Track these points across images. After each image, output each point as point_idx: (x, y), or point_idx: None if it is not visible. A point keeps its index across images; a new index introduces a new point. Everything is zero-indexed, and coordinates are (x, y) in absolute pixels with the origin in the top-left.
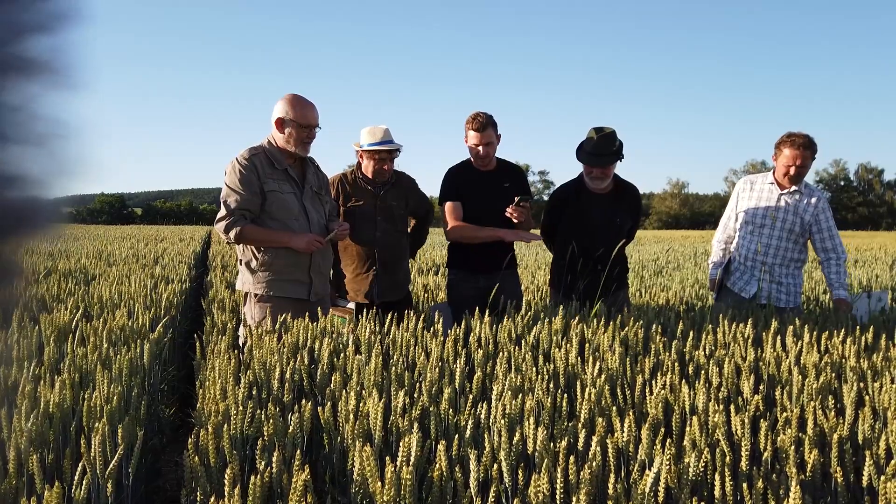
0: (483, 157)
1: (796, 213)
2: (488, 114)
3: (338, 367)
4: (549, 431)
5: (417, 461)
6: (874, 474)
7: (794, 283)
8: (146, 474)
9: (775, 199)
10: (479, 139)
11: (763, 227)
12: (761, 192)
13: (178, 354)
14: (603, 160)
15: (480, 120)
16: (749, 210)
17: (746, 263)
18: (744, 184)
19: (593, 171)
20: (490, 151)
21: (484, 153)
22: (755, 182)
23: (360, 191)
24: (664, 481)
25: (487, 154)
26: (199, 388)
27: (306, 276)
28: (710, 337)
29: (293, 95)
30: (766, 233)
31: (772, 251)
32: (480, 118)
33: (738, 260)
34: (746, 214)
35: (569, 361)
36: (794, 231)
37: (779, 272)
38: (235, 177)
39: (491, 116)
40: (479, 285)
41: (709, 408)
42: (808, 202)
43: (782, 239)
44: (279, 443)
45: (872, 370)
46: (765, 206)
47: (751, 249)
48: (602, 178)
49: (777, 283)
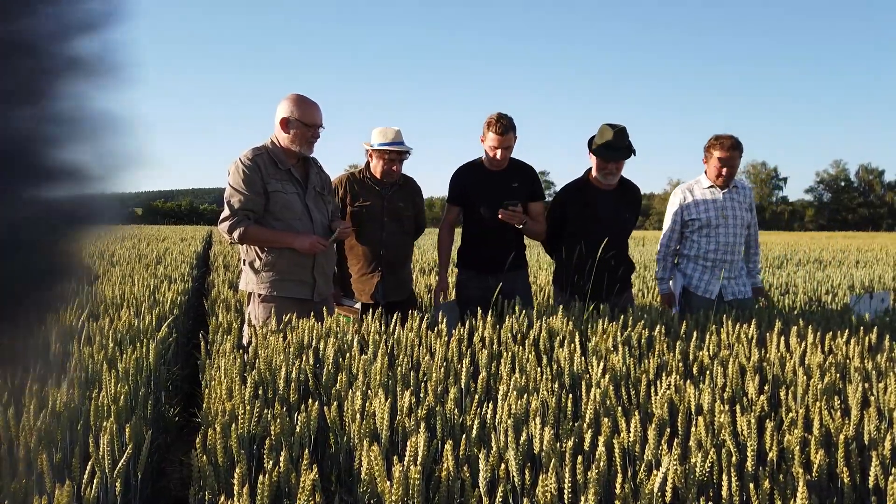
0: (498, 161)
1: (742, 207)
2: (510, 117)
3: (343, 367)
4: (555, 431)
5: (424, 461)
6: (881, 475)
7: (744, 273)
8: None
9: (721, 199)
10: (499, 142)
11: (718, 227)
12: (704, 196)
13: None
14: (619, 154)
15: (504, 123)
16: (700, 214)
17: (706, 265)
18: (682, 193)
19: (608, 165)
20: (507, 155)
21: (501, 157)
22: (693, 189)
23: (367, 191)
24: (671, 481)
25: (504, 158)
26: (205, 387)
27: (310, 276)
28: (713, 337)
29: (297, 95)
30: (721, 232)
31: (730, 248)
32: (504, 121)
33: (694, 264)
34: (699, 220)
35: (573, 361)
36: (744, 225)
37: (736, 267)
38: (239, 177)
39: (513, 121)
40: (488, 285)
41: (714, 408)
42: (746, 196)
43: (738, 235)
44: (286, 442)
45: (877, 371)
46: (713, 207)
47: (709, 250)
48: (615, 174)
49: (734, 277)
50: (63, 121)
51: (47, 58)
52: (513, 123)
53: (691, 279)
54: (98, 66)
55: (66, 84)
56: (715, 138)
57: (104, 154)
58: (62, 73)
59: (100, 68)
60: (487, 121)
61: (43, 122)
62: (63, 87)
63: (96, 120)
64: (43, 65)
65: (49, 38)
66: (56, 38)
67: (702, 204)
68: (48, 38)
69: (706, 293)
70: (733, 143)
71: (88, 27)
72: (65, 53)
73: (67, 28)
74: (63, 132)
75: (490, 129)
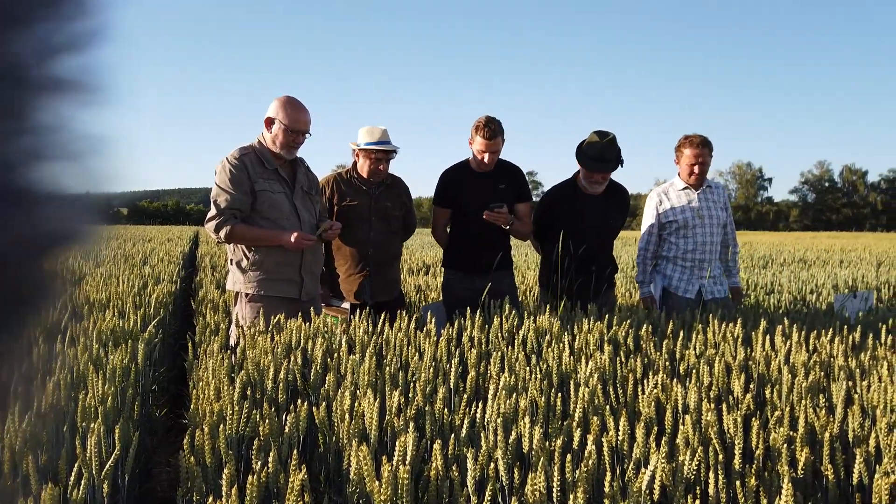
0: (485, 165)
1: (717, 207)
2: (499, 121)
3: (332, 368)
4: (544, 430)
5: (413, 460)
6: (864, 472)
7: (720, 273)
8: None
9: (696, 200)
10: (486, 146)
11: (695, 228)
12: (679, 198)
13: (168, 355)
14: (606, 166)
15: (492, 128)
16: (677, 215)
17: (685, 265)
18: (658, 196)
19: (595, 175)
20: (494, 160)
21: (489, 161)
22: (668, 191)
23: (354, 190)
24: (659, 479)
25: (492, 162)
26: (193, 388)
27: (297, 275)
28: (700, 336)
29: (288, 98)
30: (698, 232)
31: (708, 248)
32: (492, 126)
33: (673, 265)
34: (675, 221)
35: (562, 361)
36: (721, 224)
37: (714, 266)
38: (226, 176)
39: (501, 125)
40: (475, 286)
41: (701, 407)
42: (720, 195)
43: (714, 234)
44: (275, 443)
45: (860, 369)
46: (690, 208)
47: (687, 251)
48: (602, 183)
49: (712, 277)
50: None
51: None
52: (501, 128)
53: (671, 280)
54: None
55: (48, 104)
56: (684, 138)
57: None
58: (45, 93)
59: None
60: (476, 125)
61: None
62: (45, 108)
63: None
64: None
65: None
66: (39, 57)
67: (677, 205)
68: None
69: (686, 293)
70: (702, 141)
71: (72, 47)
72: (48, 73)
73: (51, 48)
74: (45, 152)
75: (478, 133)
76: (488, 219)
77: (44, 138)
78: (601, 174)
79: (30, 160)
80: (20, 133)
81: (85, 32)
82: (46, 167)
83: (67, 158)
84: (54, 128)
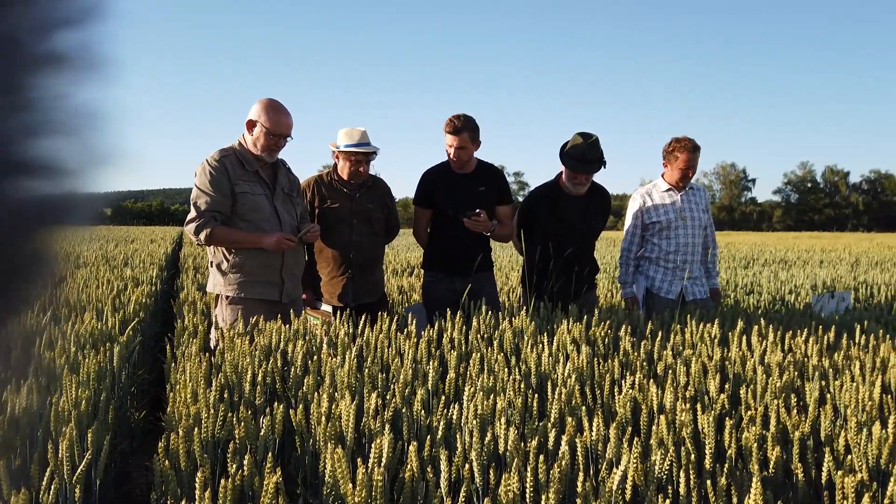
0: (454, 161)
1: (699, 209)
2: (468, 117)
3: (311, 370)
4: (520, 431)
5: (389, 462)
6: (833, 470)
7: (702, 275)
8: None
9: (680, 202)
10: (452, 141)
11: (678, 229)
12: (663, 199)
13: (148, 358)
14: (589, 167)
15: (455, 123)
16: (661, 217)
17: (667, 266)
18: (642, 197)
19: (578, 176)
20: (462, 156)
21: (455, 156)
22: (651, 192)
23: (335, 193)
24: (631, 479)
25: (459, 158)
26: (170, 391)
27: (278, 277)
28: (678, 337)
29: (270, 101)
30: (681, 233)
31: (690, 249)
32: (455, 121)
33: (656, 266)
34: (658, 222)
35: (541, 362)
36: (702, 226)
37: (695, 268)
38: (206, 178)
39: (469, 120)
40: (455, 287)
41: (676, 407)
42: (702, 198)
43: (696, 236)
44: (251, 445)
45: (834, 368)
46: (672, 210)
47: (669, 252)
48: (585, 184)
49: (695, 278)
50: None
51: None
52: (469, 124)
53: (654, 281)
54: (79, 60)
55: (45, 79)
56: (676, 141)
57: (82, 150)
58: (42, 67)
59: (81, 63)
60: (445, 123)
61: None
62: (42, 82)
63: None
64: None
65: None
66: (37, 32)
67: (661, 206)
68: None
69: (669, 294)
70: (694, 145)
71: (70, 21)
72: (46, 48)
73: (49, 23)
74: (40, 127)
75: (445, 129)
76: (468, 226)
77: (41, 114)
78: (584, 175)
79: (27, 135)
80: (17, 108)
81: (83, 7)
82: (44, 142)
83: (65, 134)
84: (52, 103)
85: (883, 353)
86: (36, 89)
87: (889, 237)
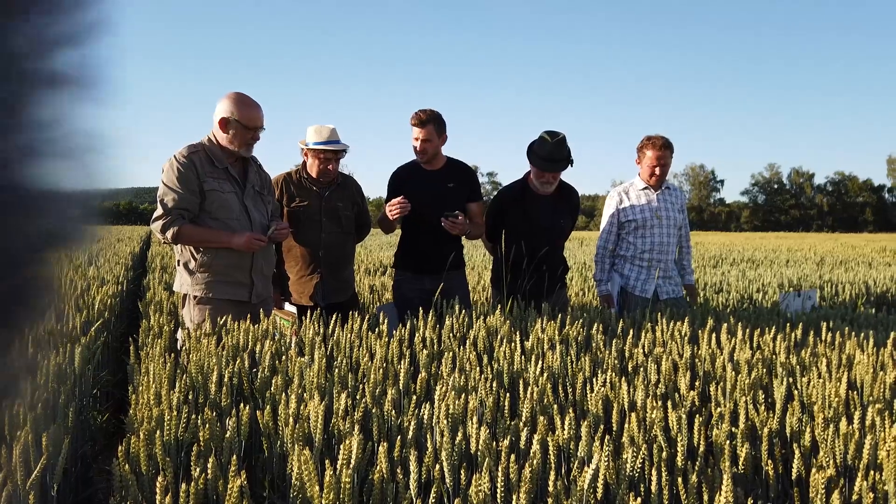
0: (420, 154)
1: (674, 209)
2: (433, 111)
3: (279, 370)
4: (492, 431)
5: (358, 463)
6: (802, 466)
7: (676, 273)
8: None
9: (655, 200)
10: (417, 134)
11: (653, 228)
12: (639, 198)
13: (112, 359)
14: (556, 166)
15: (420, 116)
16: (636, 216)
17: (642, 265)
18: (618, 195)
19: (545, 175)
20: (427, 148)
21: (420, 149)
22: (628, 191)
23: (304, 191)
24: (603, 477)
25: (424, 151)
26: (132, 393)
27: (247, 277)
28: (649, 335)
29: (238, 94)
30: (656, 232)
31: (664, 248)
32: (420, 114)
33: (631, 264)
34: (634, 220)
35: (513, 360)
36: (677, 225)
37: (669, 266)
38: (173, 175)
39: (435, 114)
40: (425, 287)
41: (647, 404)
42: (678, 198)
43: (671, 235)
44: (216, 448)
45: (801, 366)
46: (648, 208)
47: (644, 250)
48: (552, 183)
49: (668, 276)
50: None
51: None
52: (434, 118)
53: (628, 279)
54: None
55: (45, 99)
56: (647, 139)
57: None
58: (41, 88)
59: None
60: (410, 117)
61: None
62: (42, 103)
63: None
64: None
65: (28, 51)
66: (36, 51)
67: (637, 205)
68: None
69: (643, 292)
70: (665, 143)
71: (70, 40)
72: (45, 68)
73: (48, 41)
74: (41, 149)
75: (411, 122)
76: (446, 227)
77: (40, 134)
78: (551, 174)
79: (25, 157)
80: (16, 129)
81: (83, 25)
82: (43, 164)
83: (64, 156)
84: (51, 124)
85: (848, 349)
86: (35, 110)
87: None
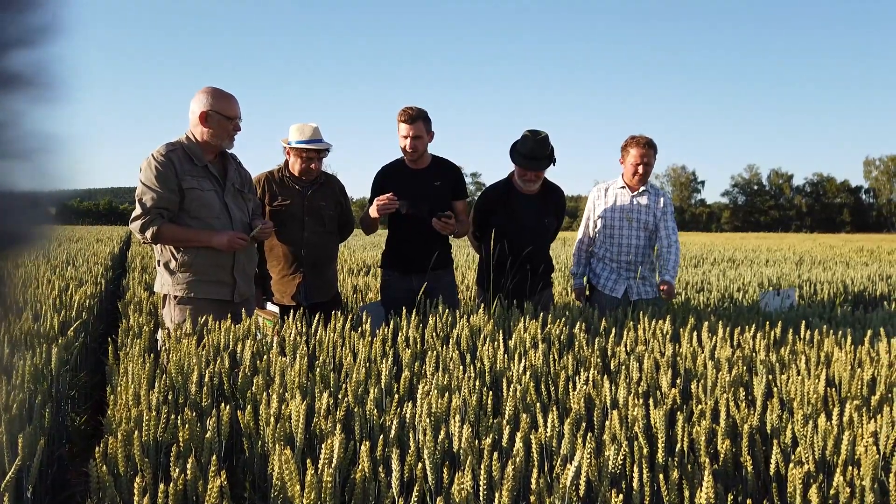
0: (410, 152)
1: (648, 212)
2: (420, 108)
3: (261, 370)
4: (475, 429)
5: (340, 463)
6: (781, 462)
7: (651, 276)
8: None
9: (628, 202)
10: (406, 131)
11: (622, 229)
12: (615, 197)
13: (91, 359)
14: (538, 164)
15: (410, 112)
16: (606, 215)
17: (612, 265)
18: (598, 192)
19: (527, 174)
20: (418, 146)
21: (411, 147)
22: (608, 189)
23: (286, 190)
24: (585, 474)
25: (415, 148)
26: (110, 393)
27: (229, 276)
28: (631, 333)
29: (213, 88)
30: (625, 234)
31: (633, 250)
32: (410, 111)
33: (603, 263)
34: (605, 219)
35: (497, 359)
36: (649, 228)
37: (641, 268)
38: (151, 174)
39: (423, 111)
40: (412, 286)
41: (629, 402)
42: (657, 201)
43: (640, 238)
44: (196, 448)
45: (780, 363)
46: (620, 209)
47: (612, 251)
48: (535, 181)
49: (641, 278)
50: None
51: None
52: (422, 114)
53: (599, 278)
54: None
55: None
56: (630, 138)
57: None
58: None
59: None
60: (397, 114)
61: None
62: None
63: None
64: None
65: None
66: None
67: (608, 206)
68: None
69: (613, 292)
70: (648, 142)
71: (25, 41)
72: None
73: (2, 42)
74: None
75: (398, 119)
76: (436, 227)
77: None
78: (534, 172)
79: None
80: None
81: (38, 27)
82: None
83: (19, 157)
84: (5, 125)
85: (827, 347)
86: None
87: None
